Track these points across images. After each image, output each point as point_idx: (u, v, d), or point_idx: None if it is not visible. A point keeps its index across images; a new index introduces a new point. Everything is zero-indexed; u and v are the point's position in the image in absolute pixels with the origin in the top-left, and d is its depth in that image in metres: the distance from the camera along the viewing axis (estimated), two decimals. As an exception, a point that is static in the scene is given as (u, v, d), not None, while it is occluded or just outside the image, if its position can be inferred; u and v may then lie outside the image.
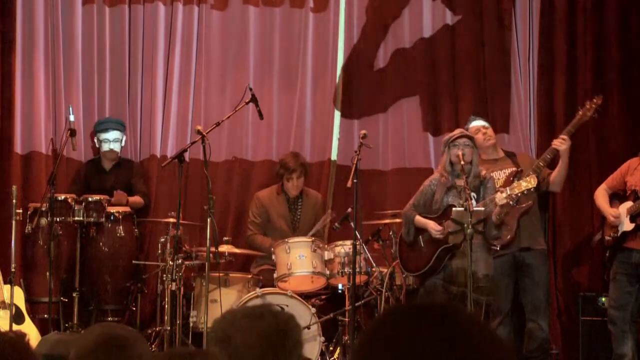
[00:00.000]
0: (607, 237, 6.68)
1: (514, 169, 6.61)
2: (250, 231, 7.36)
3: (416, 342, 1.46)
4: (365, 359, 1.51)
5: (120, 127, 7.67)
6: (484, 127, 6.90)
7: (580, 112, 6.72)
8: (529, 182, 6.21)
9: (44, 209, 6.91)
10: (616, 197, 6.71)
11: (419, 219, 6.35)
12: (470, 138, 6.35)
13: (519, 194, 6.24)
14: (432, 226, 6.24)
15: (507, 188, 6.21)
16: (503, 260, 6.64)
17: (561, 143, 6.61)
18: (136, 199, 7.51)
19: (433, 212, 6.31)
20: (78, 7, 7.92)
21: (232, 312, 2.43)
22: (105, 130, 7.60)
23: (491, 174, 6.53)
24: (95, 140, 7.71)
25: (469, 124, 6.94)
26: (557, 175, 6.79)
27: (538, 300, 6.71)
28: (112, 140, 7.59)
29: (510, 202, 6.15)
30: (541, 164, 6.68)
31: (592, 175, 7.60)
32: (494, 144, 6.91)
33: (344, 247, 6.73)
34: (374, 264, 6.75)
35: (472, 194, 6.25)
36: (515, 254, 6.70)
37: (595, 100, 6.71)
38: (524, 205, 6.55)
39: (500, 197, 6.12)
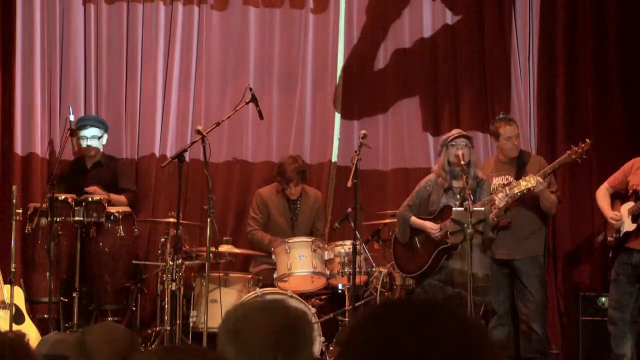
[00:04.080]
0: (609, 238, 6.66)
1: (510, 179, 6.57)
2: (250, 227, 7.35)
3: (403, 336, 1.45)
4: (355, 348, 1.50)
5: (99, 124, 7.57)
6: (517, 135, 6.80)
7: (568, 153, 6.62)
8: (528, 182, 6.19)
9: (44, 209, 6.90)
10: (617, 196, 6.70)
11: (415, 220, 6.33)
12: (468, 138, 6.32)
13: (518, 194, 6.23)
14: (430, 227, 6.23)
15: (507, 188, 6.20)
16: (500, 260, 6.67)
17: (540, 183, 6.32)
18: (120, 198, 7.45)
19: (429, 213, 6.30)
20: (77, 7, 7.92)
21: (245, 304, 2.40)
22: (84, 127, 7.51)
23: (490, 177, 6.53)
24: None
25: (505, 123, 6.79)
26: (543, 207, 6.74)
27: (530, 304, 6.70)
28: (90, 137, 7.50)
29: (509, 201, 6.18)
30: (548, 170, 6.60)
31: (592, 175, 7.60)
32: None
33: (344, 247, 6.73)
34: (374, 264, 6.75)
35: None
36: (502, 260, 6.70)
37: (582, 145, 6.56)
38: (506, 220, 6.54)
39: (500, 198, 6.10)
